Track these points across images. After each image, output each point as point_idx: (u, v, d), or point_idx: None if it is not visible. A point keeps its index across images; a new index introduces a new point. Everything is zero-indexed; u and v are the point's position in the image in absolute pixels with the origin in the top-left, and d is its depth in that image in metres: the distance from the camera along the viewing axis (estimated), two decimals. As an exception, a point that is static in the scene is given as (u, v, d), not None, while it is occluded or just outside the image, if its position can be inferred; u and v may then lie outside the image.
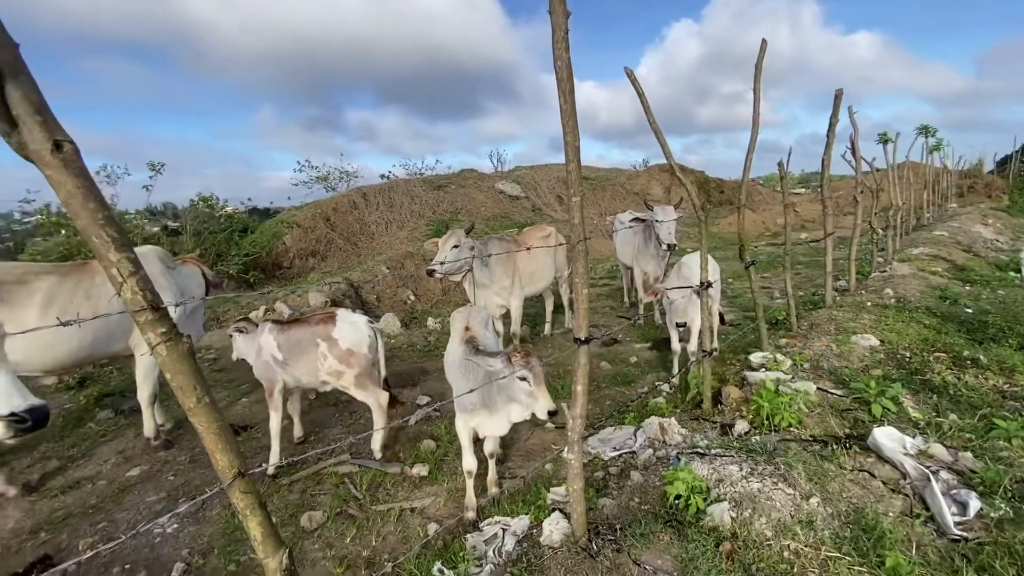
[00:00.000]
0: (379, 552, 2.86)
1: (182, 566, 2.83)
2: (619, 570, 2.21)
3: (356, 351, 3.69)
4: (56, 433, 4.48)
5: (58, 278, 3.58)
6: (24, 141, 1.02)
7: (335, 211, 14.49)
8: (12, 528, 3.29)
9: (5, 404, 1.77)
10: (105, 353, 3.85)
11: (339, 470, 3.69)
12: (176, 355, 1.19)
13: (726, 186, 22.36)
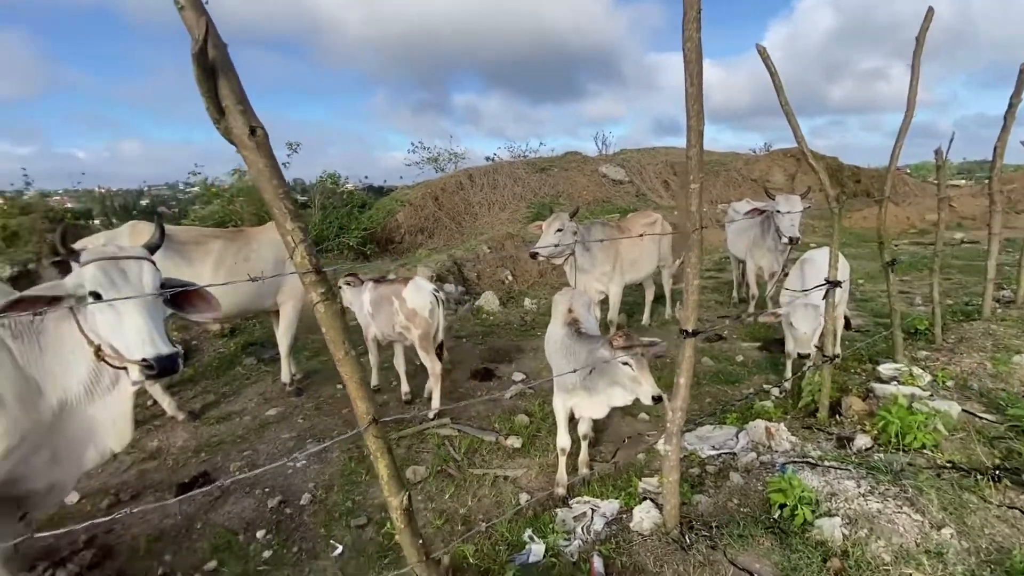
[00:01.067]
0: (474, 512, 3.07)
1: (309, 496, 3.26)
2: (713, 567, 2.17)
3: (419, 313, 4.16)
4: (213, 372, 5.32)
5: (224, 242, 4.21)
6: (229, 127, 1.24)
7: (443, 191, 15.16)
8: (180, 446, 4.00)
9: (139, 350, 2.13)
10: (257, 308, 4.48)
11: (440, 432, 3.98)
12: (331, 312, 1.39)
13: (863, 175, 19.83)
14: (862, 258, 9.47)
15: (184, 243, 3.97)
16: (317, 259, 1.34)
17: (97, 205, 15.58)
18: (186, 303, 2.35)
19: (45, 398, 2.18)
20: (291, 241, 1.31)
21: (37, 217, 7.54)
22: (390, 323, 4.28)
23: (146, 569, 2.71)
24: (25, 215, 7.56)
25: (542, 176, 16.04)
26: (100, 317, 2.08)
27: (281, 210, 1.28)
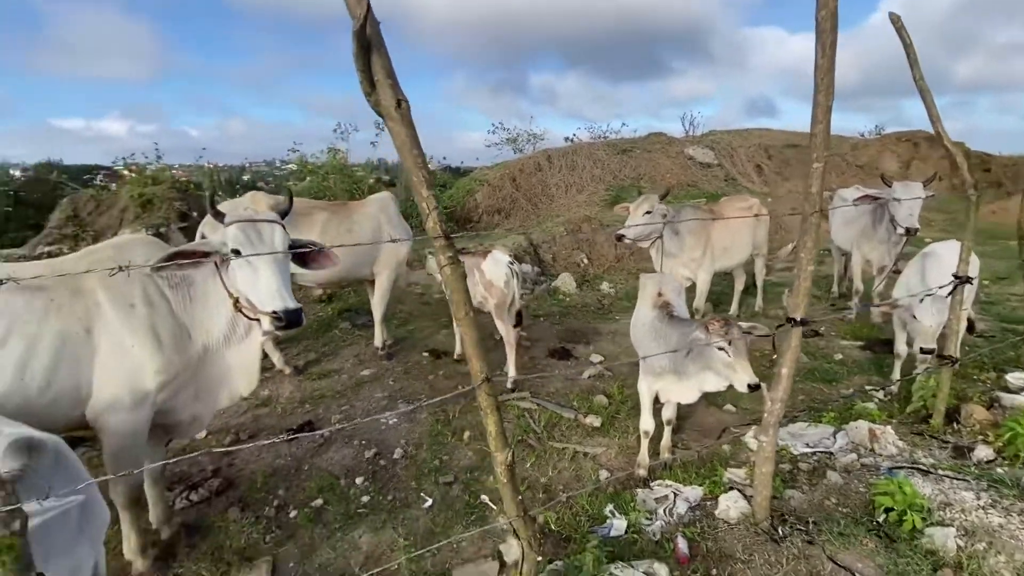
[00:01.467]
0: (554, 482, 3.16)
1: (400, 451, 3.50)
2: (809, 561, 2.10)
3: (495, 283, 4.41)
4: (313, 333, 5.79)
5: (329, 214, 4.54)
6: (379, 99, 1.34)
7: (521, 172, 15.18)
8: (287, 396, 4.42)
9: (270, 303, 2.37)
10: (355, 277, 4.81)
11: (520, 404, 4.10)
12: (456, 275, 1.49)
13: (993, 163, 17.41)
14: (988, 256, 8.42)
15: (294, 213, 4.31)
16: (445, 226, 1.44)
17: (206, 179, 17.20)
18: (310, 260, 2.59)
19: (193, 342, 2.51)
20: (426, 207, 1.41)
21: (166, 187, 8.50)
22: (473, 292, 4.34)
23: (263, 500, 3.06)
24: (156, 185, 8.54)
25: (623, 158, 15.60)
26: (239, 272, 2.35)
27: (419, 178, 1.38)
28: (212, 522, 2.87)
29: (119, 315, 2.31)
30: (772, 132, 19.13)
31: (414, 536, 2.69)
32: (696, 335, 2.58)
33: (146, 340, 2.33)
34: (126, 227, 7.17)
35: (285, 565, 2.56)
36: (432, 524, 2.80)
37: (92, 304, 2.29)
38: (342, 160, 13.76)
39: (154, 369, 2.34)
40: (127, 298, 2.34)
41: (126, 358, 2.30)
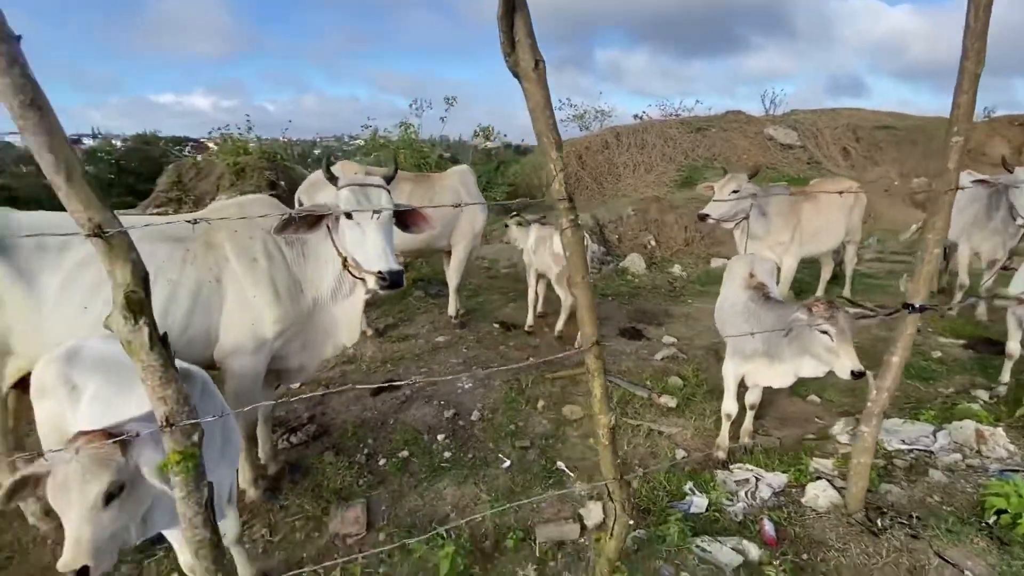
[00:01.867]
0: (631, 456, 3.18)
1: (478, 414, 3.65)
2: (912, 555, 2.03)
3: (561, 255, 4.44)
4: (390, 300, 6.05)
5: (413, 184, 4.70)
6: (518, 59, 1.38)
7: (587, 150, 14.89)
8: (370, 356, 4.68)
9: (376, 263, 2.49)
10: (433, 247, 4.98)
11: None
12: (576, 238, 1.52)
13: None
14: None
15: (382, 182, 4.51)
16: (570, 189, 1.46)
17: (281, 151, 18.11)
18: (410, 223, 2.71)
19: (304, 296, 2.71)
20: (553, 169, 1.45)
21: (256, 157, 9.06)
22: (544, 261, 4.93)
23: (354, 447, 3.30)
24: (247, 155, 9.11)
25: (697, 137, 14.93)
26: (349, 233, 2.50)
27: (549, 139, 1.42)
28: (311, 463, 3.12)
29: (243, 268, 2.53)
30: (862, 112, 17.64)
31: (495, 492, 2.82)
32: (797, 316, 2.49)
33: (266, 292, 2.54)
34: (222, 193, 7.73)
35: (378, 507, 2.76)
36: (512, 484, 2.91)
37: (222, 257, 2.53)
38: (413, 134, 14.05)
39: (272, 319, 2.56)
40: (250, 253, 2.56)
41: (249, 307, 2.53)
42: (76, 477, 1.30)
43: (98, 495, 1.32)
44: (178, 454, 1.25)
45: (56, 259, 2.25)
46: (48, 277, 2.22)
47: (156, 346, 1.18)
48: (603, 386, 1.69)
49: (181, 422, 1.25)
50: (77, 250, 2.29)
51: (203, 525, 1.33)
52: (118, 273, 1.14)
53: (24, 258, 2.19)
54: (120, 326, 1.15)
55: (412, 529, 2.56)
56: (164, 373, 1.21)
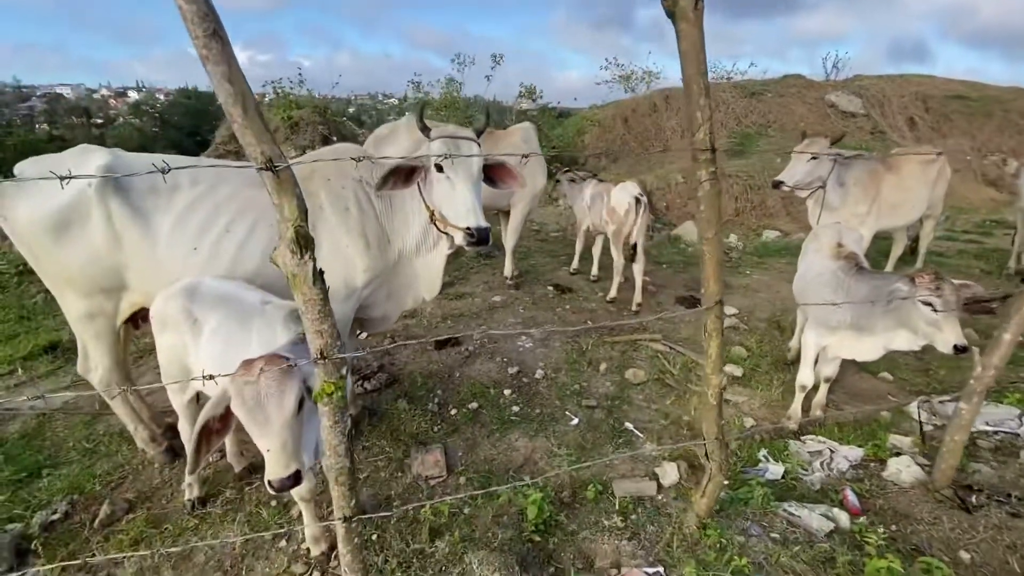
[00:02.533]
0: (698, 421, 3.19)
1: (541, 372, 3.70)
2: (1013, 532, 2.00)
3: (616, 211, 4.72)
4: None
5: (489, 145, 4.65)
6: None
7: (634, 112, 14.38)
8: (430, 312, 4.77)
9: (464, 218, 2.49)
10: (493, 207, 4.96)
11: (653, 346, 4.12)
12: (714, 192, 1.48)
13: None
14: None
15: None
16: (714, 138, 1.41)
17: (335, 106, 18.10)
18: (497, 180, 2.70)
19: (391, 247, 2.76)
20: (699, 118, 1.39)
21: (308, 111, 9.10)
22: (599, 216, 4.98)
23: (424, 397, 3.41)
24: (300, 109, 9.15)
25: (750, 102, 14.20)
26: (438, 187, 2.51)
27: (699, 86, 1.36)
28: (386, 409, 3.25)
29: (337, 217, 2.57)
30: (932, 80, 16.39)
31: (566, 447, 2.88)
32: (897, 287, 2.40)
33: (358, 241, 2.59)
34: (278, 146, 7.83)
35: (454, 452, 2.86)
36: (582, 440, 2.97)
37: (316, 206, 2.57)
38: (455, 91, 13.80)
39: (362, 267, 2.62)
40: (343, 202, 2.59)
41: (341, 255, 2.59)
42: (272, 390, 1.40)
43: (294, 402, 1.43)
44: (330, 385, 1.31)
45: (167, 201, 2.34)
46: (161, 218, 2.31)
47: (318, 281, 1.23)
48: (719, 347, 1.68)
49: (333, 355, 1.30)
50: (186, 193, 2.37)
51: (345, 454, 1.41)
52: (286, 207, 1.17)
53: (139, 198, 2.29)
54: (287, 260, 1.20)
55: (490, 475, 2.66)
56: (323, 307, 1.25)
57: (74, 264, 2.28)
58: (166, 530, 2.32)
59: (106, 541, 2.26)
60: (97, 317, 2.44)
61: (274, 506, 2.47)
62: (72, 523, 2.36)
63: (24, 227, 2.23)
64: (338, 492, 1.45)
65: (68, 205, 2.21)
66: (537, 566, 2.00)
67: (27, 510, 2.42)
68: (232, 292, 2.07)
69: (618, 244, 4.81)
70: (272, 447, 1.41)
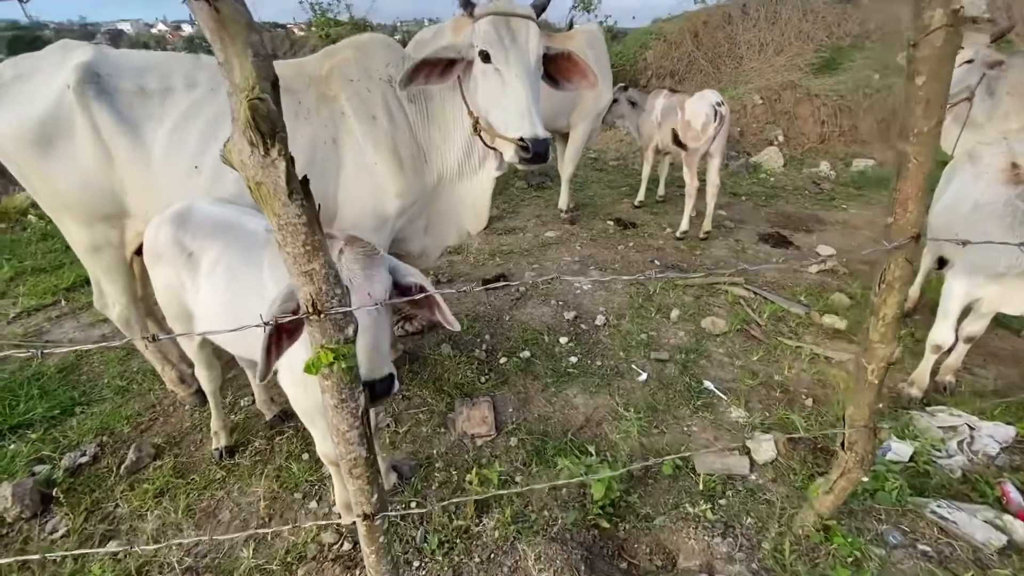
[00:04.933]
0: (792, 384, 2.67)
1: (602, 319, 3.24)
2: None
3: (692, 124, 4.09)
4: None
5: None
6: None
7: (705, 25, 12.66)
8: (476, 248, 4.34)
9: (516, 126, 1.91)
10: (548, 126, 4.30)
11: (733, 290, 3.54)
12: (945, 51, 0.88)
13: None
14: None
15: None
16: None
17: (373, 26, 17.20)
18: (562, 77, 2.12)
19: (429, 168, 2.27)
20: None
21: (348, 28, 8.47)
22: (668, 134, 4.36)
23: (471, 342, 3.04)
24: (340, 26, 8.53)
25: (845, 9, 12.15)
26: (484, 84, 1.96)
27: None
28: (428, 355, 2.92)
29: (362, 127, 2.10)
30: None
31: (634, 408, 2.46)
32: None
33: (388, 158, 2.12)
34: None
35: (504, 408, 2.51)
36: (652, 400, 2.54)
37: (337, 112, 2.10)
38: (507, 6, 12.57)
39: (395, 192, 2.17)
40: (369, 109, 2.11)
41: (369, 176, 2.14)
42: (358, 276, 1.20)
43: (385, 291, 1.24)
44: (328, 352, 0.89)
45: (160, 107, 1.93)
46: (153, 128, 1.92)
47: (296, 193, 0.78)
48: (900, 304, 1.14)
49: (332, 309, 0.88)
50: (181, 98, 1.95)
51: (359, 441, 1.02)
52: (236, 68, 0.70)
53: (126, 104, 1.89)
54: (244, 157, 0.74)
55: (545, 438, 2.29)
56: (308, 236, 0.81)
57: (66, 186, 1.95)
58: (192, 481, 2.13)
59: (131, 490, 2.09)
60: (103, 249, 2.15)
61: (305, 460, 2.22)
62: (99, 468, 2.21)
63: (6, 143, 1.90)
64: (355, 487, 1.09)
65: (48, 114, 1.85)
66: (605, 559, 1.64)
67: (56, 451, 2.29)
68: (231, 218, 1.69)
69: (692, 165, 4.20)
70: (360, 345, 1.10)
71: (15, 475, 2.14)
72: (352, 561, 1.73)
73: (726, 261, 4.01)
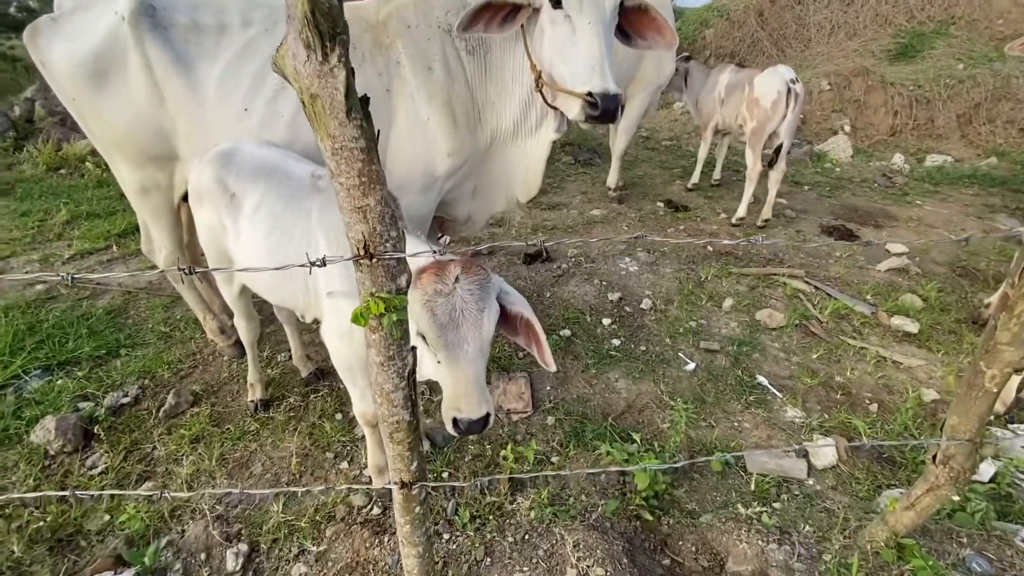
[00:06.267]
0: (855, 386, 2.46)
1: (648, 302, 3.07)
2: None
3: (760, 102, 3.82)
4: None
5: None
6: None
7: (772, 3, 11.90)
8: (519, 221, 4.21)
9: (586, 79, 1.72)
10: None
11: (791, 283, 3.30)
12: None
13: None
14: None
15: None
16: None
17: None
18: (635, 34, 1.94)
19: (483, 127, 2.14)
20: None
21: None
22: (734, 111, 4.13)
23: (509, 316, 2.94)
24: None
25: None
26: (552, 32, 1.79)
27: None
28: (465, 325, 2.83)
29: (417, 78, 1.98)
30: None
31: (680, 397, 2.31)
32: None
33: (442, 114, 2.00)
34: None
35: (541, 385, 2.41)
36: (700, 391, 2.39)
37: (393, 61, 1.99)
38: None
39: (447, 150, 2.05)
40: (426, 59, 1.98)
41: (421, 132, 2.03)
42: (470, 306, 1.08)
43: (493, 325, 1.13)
44: (378, 302, 0.79)
45: (214, 45, 1.86)
46: (206, 67, 1.86)
47: (356, 111, 0.66)
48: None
49: (385, 254, 0.77)
50: (236, 36, 1.88)
51: (403, 403, 0.93)
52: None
53: (180, 39, 1.83)
54: (298, 63, 0.64)
55: (584, 420, 2.18)
56: (365, 165, 0.70)
57: (118, 123, 1.92)
58: (227, 431, 2.13)
59: (168, 434, 2.10)
60: (152, 192, 2.13)
61: (339, 420, 2.19)
62: (139, 409, 2.24)
63: (63, 76, 1.87)
64: (394, 452, 1.00)
65: (103, 46, 1.81)
66: (647, 553, 1.53)
67: (100, 389, 2.33)
68: (276, 161, 1.61)
69: (756, 146, 3.93)
70: (461, 379, 1.06)
71: (60, 409, 2.18)
72: (381, 527, 1.68)
73: (785, 252, 3.75)
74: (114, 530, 1.70)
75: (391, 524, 1.70)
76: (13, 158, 5.60)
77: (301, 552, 1.62)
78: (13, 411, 2.18)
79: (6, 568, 1.57)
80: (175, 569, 1.58)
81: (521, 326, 1.23)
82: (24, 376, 2.40)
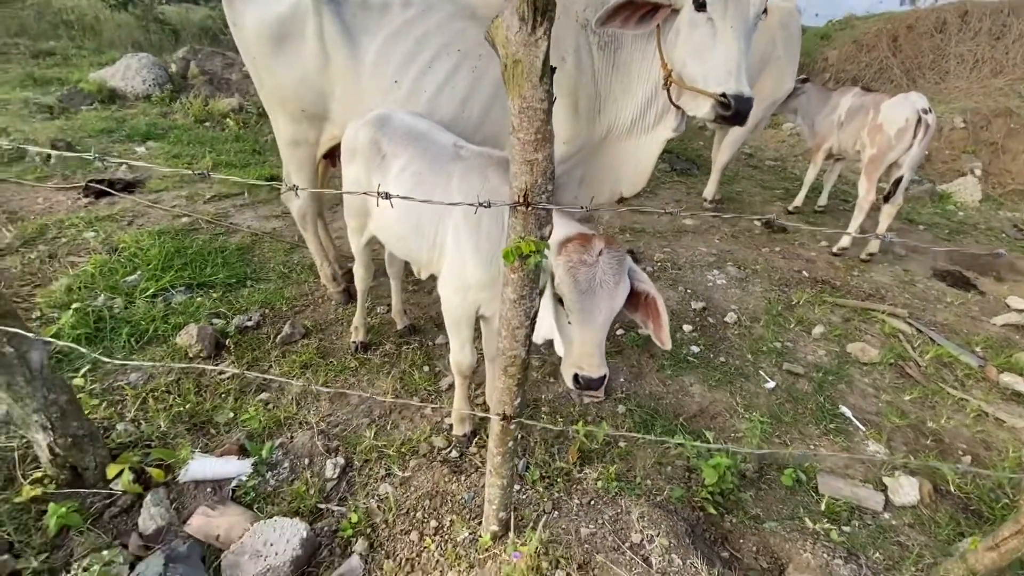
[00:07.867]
0: (950, 437, 2.32)
1: (733, 316, 3.05)
2: None
3: (885, 129, 3.64)
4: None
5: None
6: None
7: (909, 31, 11.02)
8: (607, 221, 4.27)
9: (722, 80, 1.75)
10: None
11: (891, 322, 3.13)
12: None
13: None
14: None
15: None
16: None
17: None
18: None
19: (600, 119, 2.25)
20: None
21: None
22: (854, 136, 3.95)
23: (590, 307, 3.03)
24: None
25: (1109, 31, 9.87)
26: (690, 33, 1.85)
27: None
28: (547, 308, 2.96)
29: (547, 68, 2.12)
30: None
31: (756, 411, 2.30)
32: None
33: (565, 102, 2.13)
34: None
35: (615, 375, 2.49)
36: (777, 409, 2.36)
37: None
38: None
39: (564, 137, 2.18)
40: (559, 51, 2.11)
41: (543, 117, 2.17)
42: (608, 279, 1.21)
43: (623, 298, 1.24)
44: (529, 243, 0.93)
45: (376, 22, 2.10)
46: (368, 41, 2.10)
47: (547, 77, 0.80)
48: None
49: (540, 204, 0.91)
50: (396, 15, 2.11)
51: (524, 341, 1.07)
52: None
53: (350, 14, 2.08)
54: (510, 33, 0.78)
55: (655, 415, 2.24)
56: (543, 124, 0.84)
57: (287, 82, 2.22)
58: (331, 364, 2.39)
59: (283, 357, 2.40)
60: (301, 145, 2.43)
61: (426, 371, 2.39)
62: (260, 333, 2.57)
63: (250, 35, 2.20)
64: (503, 384, 1.14)
65: (288, 14, 2.10)
66: (707, 543, 1.58)
67: (230, 311, 2.69)
68: (424, 130, 1.81)
69: (872, 175, 3.74)
70: (588, 340, 1.20)
71: (199, 321, 2.55)
72: (458, 467, 1.85)
73: (888, 289, 3.55)
74: (238, 424, 1.99)
75: (467, 466, 1.86)
76: (168, 108, 6.42)
77: (388, 474, 1.82)
78: (163, 316, 2.57)
79: (155, 437, 1.89)
80: (284, 466, 1.84)
81: (643, 304, 1.32)
82: (171, 290, 2.82)
